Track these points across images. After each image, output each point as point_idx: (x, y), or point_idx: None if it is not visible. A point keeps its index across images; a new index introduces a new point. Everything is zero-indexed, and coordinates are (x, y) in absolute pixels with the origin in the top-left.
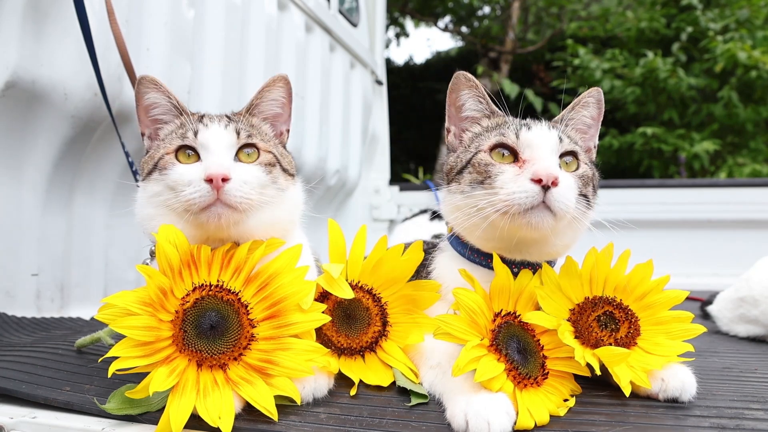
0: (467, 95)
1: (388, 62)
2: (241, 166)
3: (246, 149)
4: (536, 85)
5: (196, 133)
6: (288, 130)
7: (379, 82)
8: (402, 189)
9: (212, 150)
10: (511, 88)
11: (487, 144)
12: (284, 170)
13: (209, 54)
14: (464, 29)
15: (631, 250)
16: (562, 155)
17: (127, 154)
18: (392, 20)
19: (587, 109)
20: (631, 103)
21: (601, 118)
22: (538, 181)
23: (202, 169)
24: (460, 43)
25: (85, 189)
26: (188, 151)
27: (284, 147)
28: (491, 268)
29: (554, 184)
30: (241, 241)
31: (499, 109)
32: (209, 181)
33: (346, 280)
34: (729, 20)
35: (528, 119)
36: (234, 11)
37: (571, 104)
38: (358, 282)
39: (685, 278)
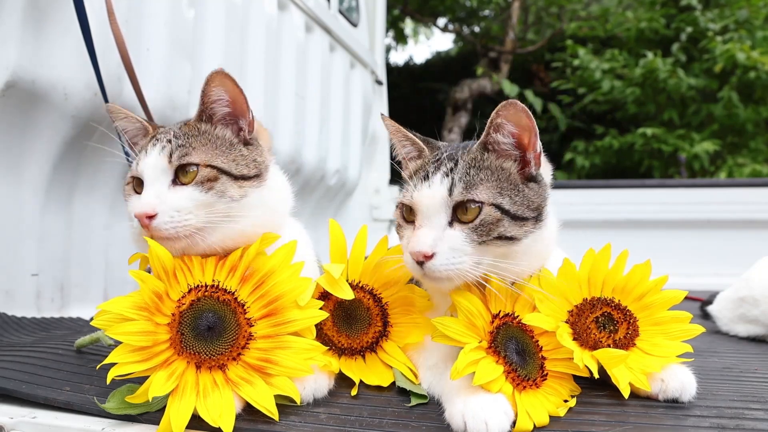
0: (394, 138)
1: (388, 62)
2: (176, 191)
3: (186, 168)
4: (536, 86)
5: (138, 163)
6: (250, 122)
7: (379, 82)
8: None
9: (146, 181)
10: (511, 89)
11: (399, 200)
12: (237, 177)
13: (209, 54)
14: (464, 29)
15: (631, 250)
16: (458, 206)
17: (127, 154)
18: (391, 24)
19: (501, 131)
20: (631, 104)
21: (531, 123)
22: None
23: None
24: (460, 43)
25: (85, 189)
26: (134, 183)
27: (247, 144)
28: None
29: (426, 258)
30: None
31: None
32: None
33: (347, 280)
34: (728, 20)
35: (443, 159)
36: (234, 11)
37: (483, 133)
38: (359, 282)
39: (685, 278)
